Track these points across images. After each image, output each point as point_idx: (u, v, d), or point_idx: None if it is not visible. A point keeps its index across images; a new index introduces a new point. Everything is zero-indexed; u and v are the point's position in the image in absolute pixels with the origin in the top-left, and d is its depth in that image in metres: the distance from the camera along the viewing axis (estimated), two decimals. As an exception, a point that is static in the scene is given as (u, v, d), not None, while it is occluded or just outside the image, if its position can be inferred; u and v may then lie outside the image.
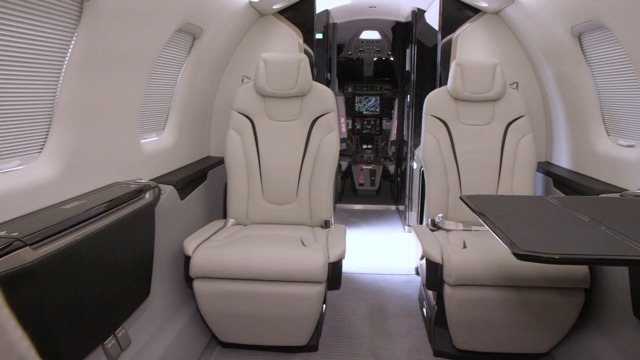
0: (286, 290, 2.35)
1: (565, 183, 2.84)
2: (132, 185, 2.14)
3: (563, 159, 3.19)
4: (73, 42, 1.80)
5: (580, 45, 2.72)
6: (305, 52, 3.57)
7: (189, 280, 2.42)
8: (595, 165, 2.75)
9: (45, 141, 1.83)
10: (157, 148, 2.69)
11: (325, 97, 2.96)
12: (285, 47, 3.55)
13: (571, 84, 2.94)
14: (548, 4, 2.73)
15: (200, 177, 3.00)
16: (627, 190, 2.31)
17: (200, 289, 2.39)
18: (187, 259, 2.40)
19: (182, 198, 2.66)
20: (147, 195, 2.16)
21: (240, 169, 2.94)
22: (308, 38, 3.60)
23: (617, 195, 2.25)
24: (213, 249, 2.41)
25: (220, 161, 3.22)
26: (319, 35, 4.62)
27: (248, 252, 2.38)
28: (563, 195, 2.83)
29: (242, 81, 3.11)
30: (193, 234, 2.60)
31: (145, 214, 2.15)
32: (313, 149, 2.93)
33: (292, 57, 2.93)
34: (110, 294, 1.88)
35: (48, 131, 1.83)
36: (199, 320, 2.60)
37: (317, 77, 4.20)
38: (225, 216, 3.07)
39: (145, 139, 2.63)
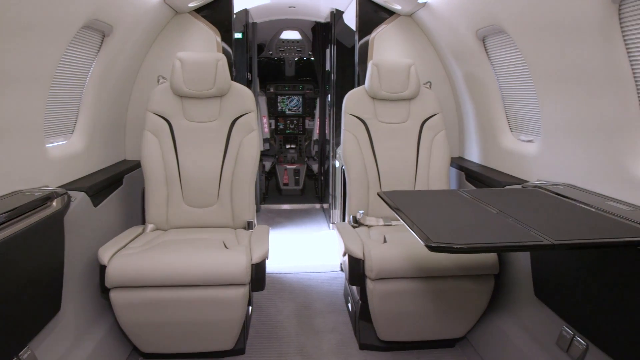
0: (209, 295, 2.30)
1: (476, 177, 3.03)
2: (37, 193, 1.99)
3: (474, 154, 3.39)
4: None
5: (485, 47, 2.91)
6: (224, 51, 3.52)
7: (105, 290, 2.30)
8: (501, 159, 2.96)
9: None
10: (66, 153, 2.52)
11: (245, 97, 2.93)
12: (203, 47, 3.47)
13: (478, 84, 3.13)
14: (455, 8, 2.89)
15: (116, 182, 2.86)
16: (528, 181, 2.51)
17: (117, 299, 2.28)
18: (102, 268, 2.27)
19: (95, 205, 2.52)
20: (54, 203, 2.02)
21: (158, 172, 2.84)
22: (226, 37, 3.55)
23: (519, 186, 2.44)
24: (130, 257, 2.31)
25: (137, 165, 3.09)
26: (238, 35, 4.56)
27: (167, 257, 2.30)
28: (474, 188, 3.01)
29: (158, 81, 3.00)
30: (108, 242, 2.47)
31: (53, 223, 2.01)
32: (233, 150, 2.89)
33: (210, 56, 2.87)
34: (12, 312, 1.73)
35: None
36: (117, 332, 2.48)
37: (237, 77, 4.15)
38: (143, 222, 2.94)
39: (52, 143, 2.46)
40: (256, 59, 5.30)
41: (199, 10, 3.49)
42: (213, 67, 2.84)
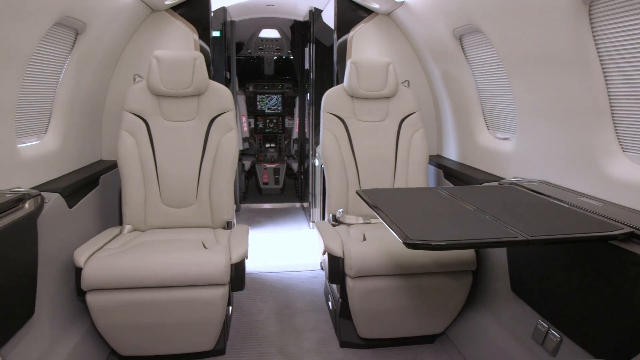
0: (188, 295, 2.28)
1: (454, 174, 3.07)
2: (8, 195, 1.94)
3: (452, 152, 3.43)
4: None
5: (462, 46, 2.95)
6: (202, 50, 3.48)
7: (81, 293, 2.26)
8: (478, 157, 3.00)
9: None
10: (39, 153, 2.46)
11: (223, 96, 2.91)
12: (180, 45, 3.43)
13: (456, 82, 3.17)
14: (432, 7, 2.92)
15: (92, 182, 2.81)
16: (504, 178, 2.55)
17: (94, 302, 2.24)
18: (78, 270, 2.23)
19: (70, 206, 2.47)
20: (26, 205, 1.98)
21: (135, 172, 2.80)
22: (204, 35, 3.52)
23: (496, 183, 2.47)
24: (107, 258, 2.27)
25: (114, 165, 3.04)
26: (216, 33, 4.52)
27: (145, 258, 2.27)
28: (452, 185, 3.05)
29: (134, 80, 2.95)
30: (85, 243, 2.43)
31: (26, 226, 1.97)
32: (212, 149, 2.87)
33: (187, 55, 2.84)
34: None
35: None
36: (94, 335, 2.43)
37: (215, 76, 4.11)
38: (121, 223, 2.90)
39: (24, 143, 2.40)
40: (235, 58, 5.26)
41: (175, 8, 3.45)
42: (190, 66, 2.81)
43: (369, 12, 3.70)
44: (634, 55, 1.73)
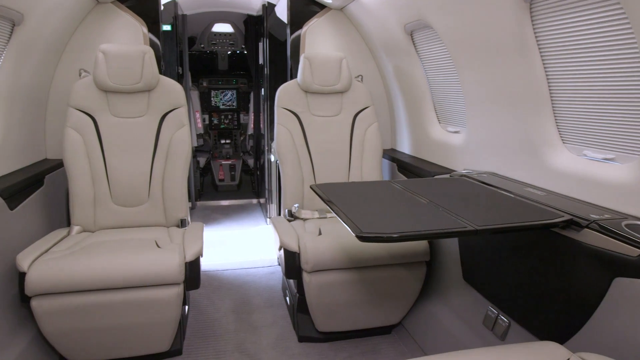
0: (141, 296, 2.22)
1: (407, 167, 3.13)
2: (-58, 198, 1.83)
3: (405, 146, 3.50)
4: None
5: (413, 41, 3.00)
6: (152, 44, 3.38)
7: (25, 299, 2.15)
8: (430, 150, 3.07)
9: None
10: (-25, 152, 2.33)
11: (174, 91, 2.84)
12: (128, 39, 3.32)
13: (408, 77, 3.22)
14: (383, 3, 2.95)
15: (36, 182, 2.68)
16: (455, 170, 2.62)
17: (39, 307, 2.14)
18: (22, 275, 2.13)
19: (11, 208, 2.35)
20: (-38, 208, 1.86)
21: (82, 171, 2.69)
22: (154, 29, 3.42)
23: (447, 176, 2.54)
24: (53, 261, 2.17)
25: (60, 164, 2.91)
26: (167, 27, 4.40)
27: (94, 260, 2.19)
28: (405, 178, 3.10)
29: (80, 75, 2.84)
30: (28, 247, 2.32)
31: (-38, 230, 1.86)
32: (164, 145, 2.80)
33: (135, 49, 2.76)
34: None
35: None
36: (41, 343, 2.33)
37: (166, 71, 4.01)
38: (69, 224, 2.78)
39: (-42, 142, 2.26)
40: (187, 53, 5.15)
41: (123, 1, 3.33)
42: (139, 60, 2.73)
43: (322, 7, 3.70)
44: (571, 52, 1.81)
